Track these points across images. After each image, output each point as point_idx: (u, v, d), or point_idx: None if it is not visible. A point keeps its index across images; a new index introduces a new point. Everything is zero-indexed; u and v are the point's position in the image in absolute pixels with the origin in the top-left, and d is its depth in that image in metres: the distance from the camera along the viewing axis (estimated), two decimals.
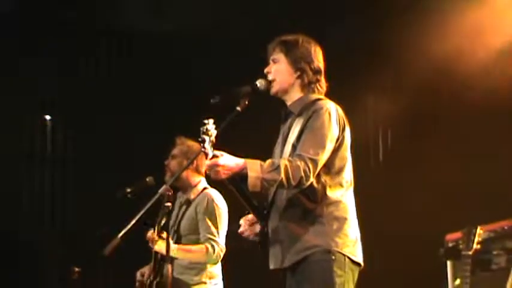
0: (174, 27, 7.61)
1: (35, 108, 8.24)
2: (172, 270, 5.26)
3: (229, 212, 5.38)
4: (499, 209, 5.73)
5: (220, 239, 5.30)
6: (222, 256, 5.30)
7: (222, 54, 7.72)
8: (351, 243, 3.78)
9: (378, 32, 7.03)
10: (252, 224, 3.98)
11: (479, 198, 6.38)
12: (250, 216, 3.98)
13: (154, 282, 5.23)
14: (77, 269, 5.64)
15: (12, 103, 7.86)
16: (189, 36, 7.75)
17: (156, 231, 5.19)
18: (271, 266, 3.88)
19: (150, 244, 5.19)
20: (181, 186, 5.48)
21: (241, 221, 4.01)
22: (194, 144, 5.44)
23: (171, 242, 5.14)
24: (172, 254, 5.15)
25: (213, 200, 5.37)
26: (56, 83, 8.11)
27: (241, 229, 4.00)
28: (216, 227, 5.31)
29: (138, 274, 5.51)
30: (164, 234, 5.07)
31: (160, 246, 5.12)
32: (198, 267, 5.33)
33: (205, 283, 5.34)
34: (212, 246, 5.23)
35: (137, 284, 5.50)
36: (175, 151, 5.55)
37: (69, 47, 8.01)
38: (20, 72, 7.88)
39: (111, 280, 7.86)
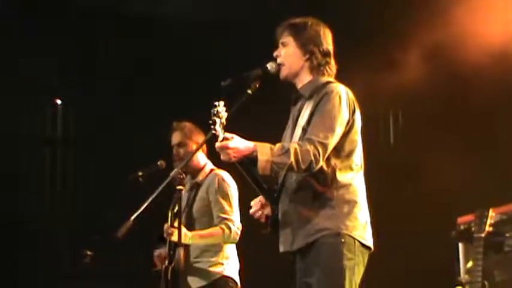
0: (176, 12, 7.59)
1: (46, 91, 8.25)
2: (186, 254, 5.29)
3: (240, 194, 5.39)
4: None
5: (235, 217, 5.30)
6: (239, 234, 5.29)
7: (230, 38, 7.71)
8: (360, 226, 3.78)
9: (389, 11, 6.99)
10: (263, 206, 3.98)
11: (491, 180, 6.36)
12: (262, 197, 3.98)
13: (170, 267, 5.23)
14: (89, 253, 5.65)
15: (23, 87, 7.90)
16: (189, 18, 7.74)
17: (169, 218, 5.19)
18: (281, 249, 3.89)
19: (166, 236, 5.19)
20: (190, 170, 5.46)
21: (252, 203, 4.01)
22: (191, 125, 5.46)
23: (185, 230, 5.15)
24: (188, 241, 5.17)
25: (223, 180, 5.37)
26: (65, 66, 8.12)
27: (252, 210, 4.00)
28: (230, 206, 5.31)
29: (156, 253, 5.50)
30: (176, 223, 5.07)
31: (177, 237, 5.10)
32: (215, 249, 5.34)
33: (222, 264, 5.35)
34: (228, 226, 5.23)
35: (156, 259, 5.49)
36: (177, 139, 5.49)
37: (77, 29, 8.01)
38: (30, 55, 7.90)
39: (124, 263, 7.90)
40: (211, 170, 5.47)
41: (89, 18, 7.94)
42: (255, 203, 4.00)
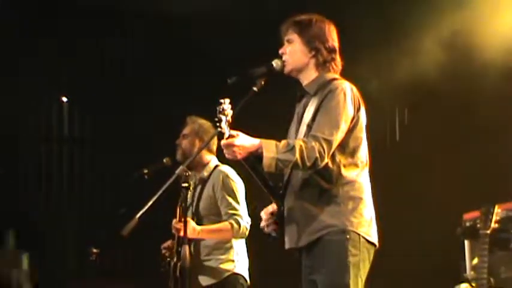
0: (185, 8, 7.59)
1: (52, 90, 8.26)
2: (196, 252, 5.31)
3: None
4: None
5: (243, 212, 5.30)
6: (248, 229, 5.27)
7: (238, 34, 7.71)
8: (366, 223, 3.78)
9: (397, 8, 6.98)
10: (272, 216, 3.96)
11: (497, 176, 6.35)
12: (271, 208, 3.98)
13: (178, 264, 5.23)
14: (95, 250, 5.66)
15: (29, 85, 7.91)
16: (204, 17, 7.73)
17: (178, 214, 5.19)
18: (287, 246, 3.89)
19: (174, 232, 5.19)
20: (194, 166, 5.47)
21: (262, 214, 4.00)
22: (205, 123, 5.46)
23: (194, 224, 5.17)
24: (197, 236, 5.18)
25: (227, 176, 5.37)
26: (72, 64, 8.13)
27: (262, 224, 3.98)
28: (237, 202, 5.30)
29: (164, 244, 5.49)
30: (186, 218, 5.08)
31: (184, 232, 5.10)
32: (225, 247, 5.34)
33: (232, 261, 5.34)
34: (236, 221, 5.22)
35: (165, 252, 5.47)
36: (186, 130, 5.54)
37: (86, 29, 8.02)
38: (37, 54, 7.92)
39: (129, 260, 7.91)
40: (216, 166, 5.47)
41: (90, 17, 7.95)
42: (265, 217, 3.96)
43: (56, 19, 7.95)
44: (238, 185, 5.36)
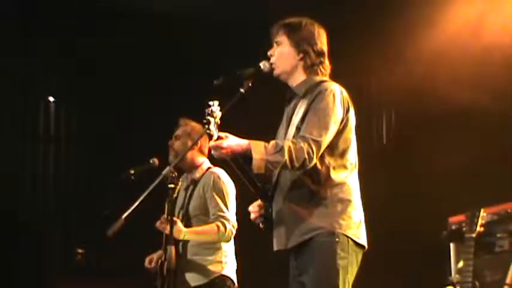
0: (173, 7, 7.59)
1: (39, 89, 8.24)
2: (183, 252, 5.31)
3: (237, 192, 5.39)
4: (503, 191, 5.72)
5: (231, 215, 5.29)
6: (234, 232, 5.28)
7: (222, 35, 7.70)
8: (354, 225, 3.78)
9: (381, 12, 6.99)
10: (261, 210, 3.98)
11: (483, 180, 6.37)
12: (258, 202, 3.98)
13: (165, 263, 5.22)
14: (80, 251, 5.65)
15: (16, 84, 7.88)
16: (189, 17, 7.73)
17: (165, 214, 5.18)
18: (275, 248, 3.90)
19: (159, 228, 5.17)
20: (186, 167, 5.48)
21: (251, 208, 4.00)
22: (197, 125, 5.46)
23: (181, 225, 5.17)
24: (183, 237, 5.17)
25: (219, 177, 5.37)
26: (58, 64, 8.11)
27: (252, 216, 3.99)
28: (225, 204, 5.30)
29: (147, 261, 5.47)
30: (173, 218, 5.07)
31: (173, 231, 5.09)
32: (213, 247, 5.33)
33: (220, 262, 5.33)
34: (223, 223, 5.22)
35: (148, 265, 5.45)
36: (178, 132, 5.54)
37: (70, 28, 7.99)
38: (23, 54, 7.89)
39: (115, 261, 7.89)
40: (208, 168, 5.48)
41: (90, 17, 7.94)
42: (253, 209, 3.98)
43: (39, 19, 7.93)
44: (229, 187, 5.36)
